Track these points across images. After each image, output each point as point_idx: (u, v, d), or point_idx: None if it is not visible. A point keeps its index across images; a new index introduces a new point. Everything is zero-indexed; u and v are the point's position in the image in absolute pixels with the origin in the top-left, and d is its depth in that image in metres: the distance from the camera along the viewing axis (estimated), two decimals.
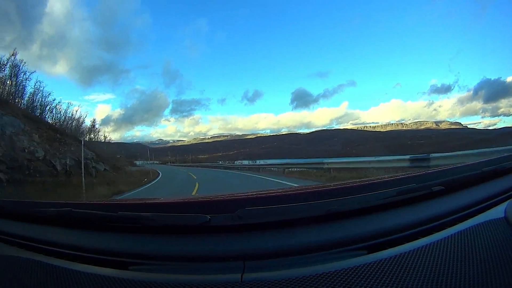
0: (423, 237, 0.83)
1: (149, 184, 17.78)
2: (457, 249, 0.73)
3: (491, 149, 10.34)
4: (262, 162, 37.25)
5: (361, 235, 0.84)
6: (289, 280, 0.69)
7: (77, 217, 1.06)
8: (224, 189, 13.23)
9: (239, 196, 1.18)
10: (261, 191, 1.27)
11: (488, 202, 0.99)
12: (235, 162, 44.13)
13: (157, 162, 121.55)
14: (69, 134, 24.15)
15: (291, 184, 10.43)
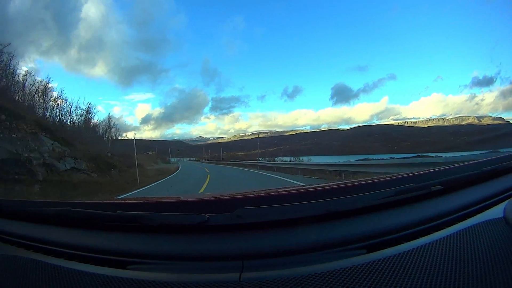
0: (422, 236, 0.83)
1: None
2: (456, 249, 0.74)
3: None
4: (305, 159, 33.98)
5: (360, 234, 0.85)
6: (288, 279, 0.69)
7: (76, 216, 1.06)
8: None
9: (238, 195, 1.18)
10: (260, 191, 1.28)
11: (487, 202, 1.00)
12: (275, 159, 38.10)
13: (194, 159, 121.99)
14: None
15: None
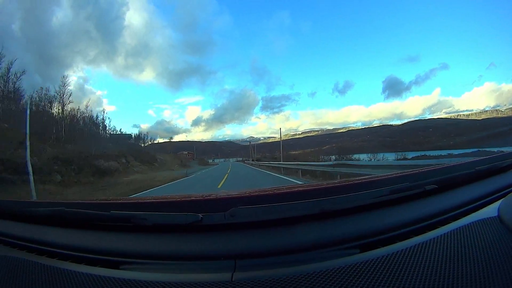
0: (416, 236, 0.83)
1: None
2: (450, 248, 0.74)
3: None
4: (380, 156, 28.30)
5: (354, 234, 0.85)
6: (280, 279, 0.69)
7: (69, 216, 1.06)
8: None
9: (232, 195, 1.17)
10: (254, 190, 1.28)
11: (481, 201, 1.00)
12: (353, 156, 30.74)
13: (240, 159, 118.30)
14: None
15: None
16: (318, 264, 0.75)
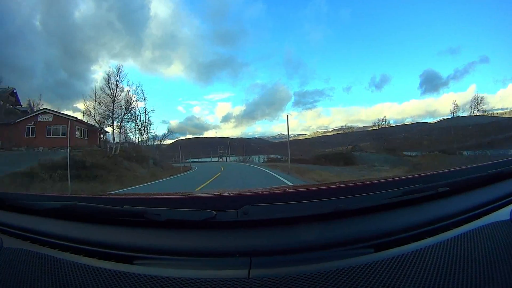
0: (429, 237, 0.84)
1: None
2: (462, 250, 0.74)
3: None
4: None
5: (368, 233, 0.85)
6: (296, 277, 0.69)
7: (82, 211, 1.06)
8: None
9: (245, 192, 1.18)
10: (267, 189, 1.28)
11: (493, 204, 1.00)
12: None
13: (265, 158, 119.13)
14: None
15: None
16: (333, 262, 0.76)
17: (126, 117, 30.04)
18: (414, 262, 0.71)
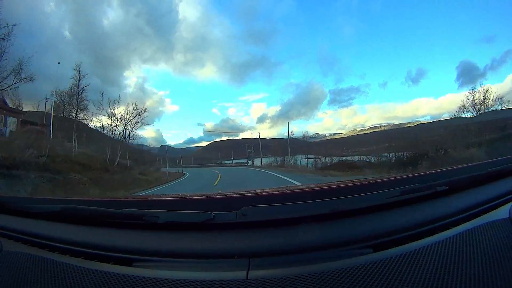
0: (427, 236, 0.84)
1: None
2: (461, 249, 0.74)
3: None
4: None
5: (366, 233, 0.85)
6: (295, 277, 0.69)
7: (81, 213, 1.06)
8: None
9: (243, 194, 1.17)
10: (265, 189, 1.27)
11: (492, 203, 1.00)
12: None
13: (301, 157, 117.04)
14: None
15: None
16: (332, 262, 0.76)
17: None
18: (413, 262, 0.71)
